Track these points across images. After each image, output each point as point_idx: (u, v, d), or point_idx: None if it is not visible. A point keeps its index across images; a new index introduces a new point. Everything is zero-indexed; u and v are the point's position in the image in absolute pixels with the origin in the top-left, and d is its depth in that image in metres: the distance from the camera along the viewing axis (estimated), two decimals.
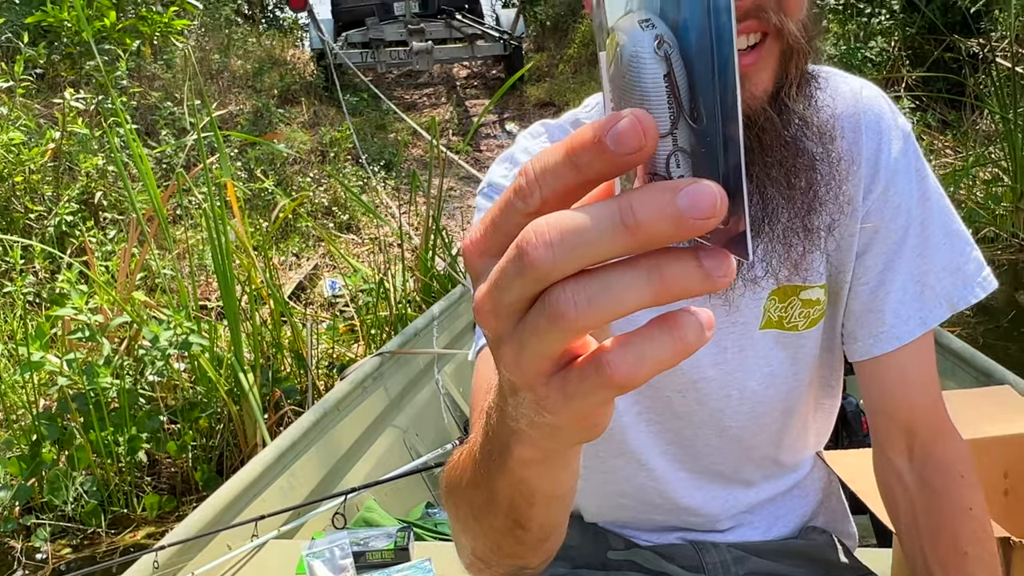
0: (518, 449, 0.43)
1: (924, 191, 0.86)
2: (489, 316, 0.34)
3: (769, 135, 0.73)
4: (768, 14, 0.70)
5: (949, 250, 0.86)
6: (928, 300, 0.85)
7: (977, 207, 5.89)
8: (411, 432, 2.44)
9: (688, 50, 0.31)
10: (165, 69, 6.45)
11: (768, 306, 0.86)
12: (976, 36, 6.93)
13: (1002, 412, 1.23)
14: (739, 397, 0.90)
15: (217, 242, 2.67)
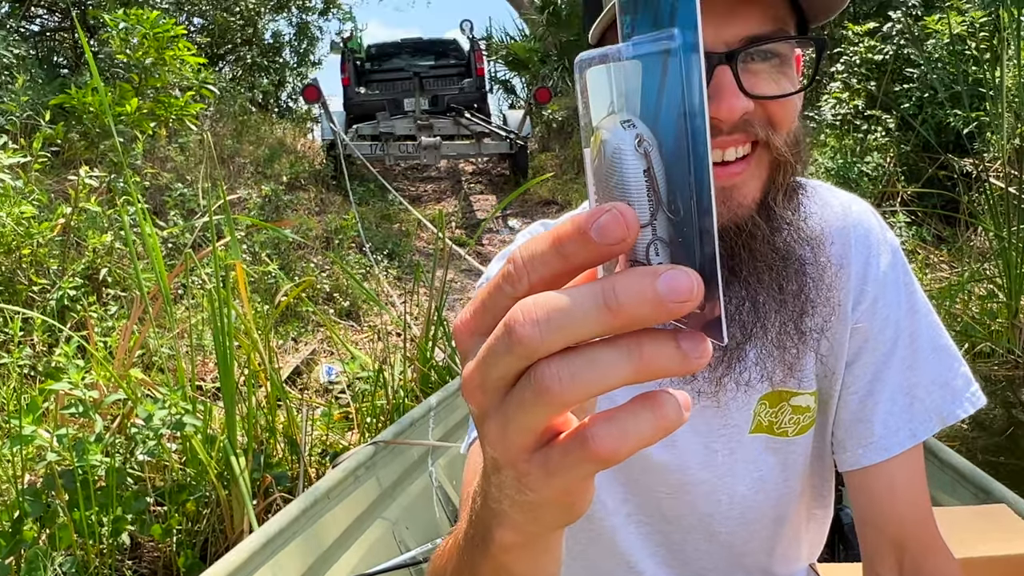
0: (499, 532, 0.43)
1: (913, 305, 0.88)
2: (476, 391, 0.36)
3: (759, 241, 0.75)
4: (756, 128, 0.73)
5: (937, 364, 0.88)
6: (918, 412, 0.86)
7: (973, 322, 5.93)
8: (401, 525, 2.40)
9: (666, 149, 0.34)
10: (178, 152, 6.60)
11: (759, 410, 0.86)
12: (970, 156, 7.14)
13: (997, 531, 1.22)
14: (728, 502, 0.90)
15: (220, 323, 2.69)
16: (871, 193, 7.22)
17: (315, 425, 3.44)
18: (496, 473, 0.39)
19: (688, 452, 0.87)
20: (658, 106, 0.34)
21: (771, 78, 0.73)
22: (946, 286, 6.30)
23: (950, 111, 7.15)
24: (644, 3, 0.35)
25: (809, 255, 0.79)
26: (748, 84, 0.71)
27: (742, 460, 0.88)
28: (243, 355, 3.14)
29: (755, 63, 0.72)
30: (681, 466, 0.88)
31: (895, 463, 0.85)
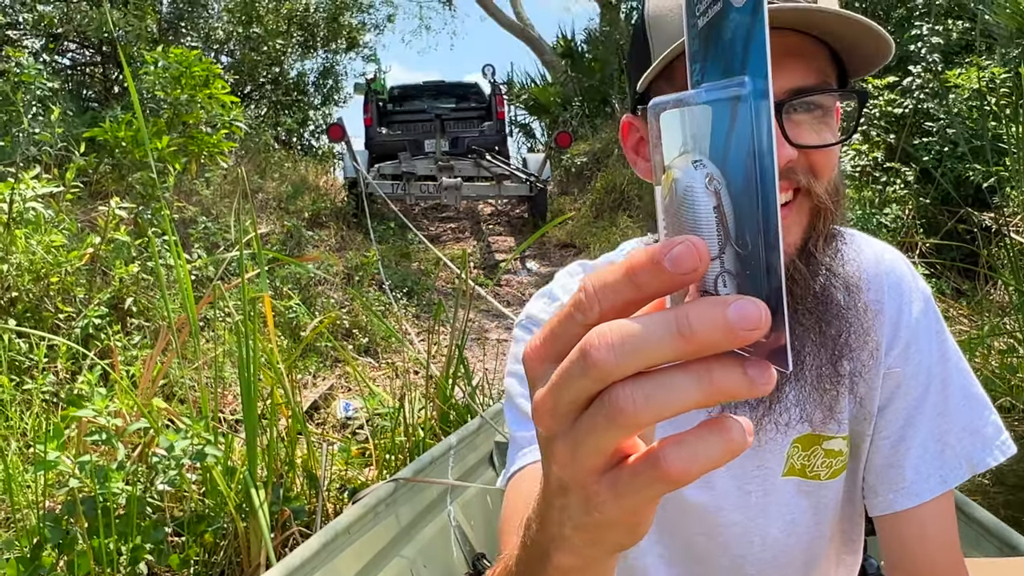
0: (558, 556, 0.44)
1: (944, 352, 0.90)
2: (547, 415, 0.37)
3: (799, 286, 0.77)
4: (799, 176, 0.76)
5: (968, 411, 0.89)
6: (948, 459, 0.87)
7: (993, 376, 5.89)
8: (419, 563, 2.39)
9: (734, 187, 0.37)
10: (205, 186, 6.72)
11: (791, 453, 0.87)
12: (990, 209, 7.15)
13: None
14: (761, 544, 0.90)
15: (245, 355, 2.72)
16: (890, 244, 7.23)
17: (334, 460, 3.45)
18: (562, 496, 0.40)
19: (723, 493, 0.89)
20: (727, 147, 0.36)
21: (813, 128, 0.76)
22: (966, 340, 6.27)
23: (969, 165, 7.18)
24: (714, 53, 0.38)
25: (848, 300, 0.81)
26: (792, 134, 0.73)
27: (775, 503, 0.89)
28: (265, 387, 3.17)
29: (798, 114, 0.75)
30: (716, 507, 0.89)
31: (926, 509, 0.86)
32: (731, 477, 0.89)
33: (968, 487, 4.40)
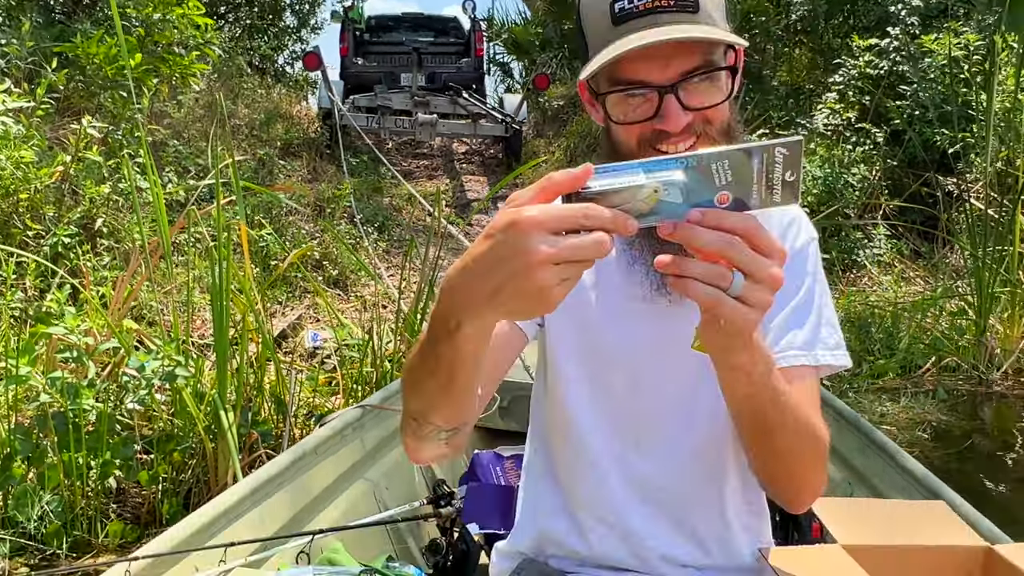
0: (468, 325, 0.76)
1: (816, 279, 1.12)
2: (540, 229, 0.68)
3: None
4: (696, 127, 1.00)
5: (824, 325, 1.11)
6: (804, 348, 1.10)
7: (942, 336, 6.11)
8: (381, 486, 2.50)
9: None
10: (177, 109, 6.62)
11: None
12: (953, 175, 7.31)
13: (932, 525, 1.34)
14: (675, 396, 1.10)
15: (219, 281, 2.77)
16: (855, 204, 7.37)
17: (301, 387, 3.53)
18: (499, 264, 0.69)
19: (642, 345, 1.11)
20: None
21: (706, 92, 1.00)
22: (919, 300, 6.47)
23: (938, 130, 7.31)
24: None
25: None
26: (687, 100, 0.98)
27: (685, 367, 1.08)
28: (237, 314, 3.22)
29: (693, 84, 0.98)
30: (632, 356, 1.11)
31: (783, 372, 1.05)
32: (650, 335, 1.10)
33: (908, 439, 4.62)
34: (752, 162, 0.72)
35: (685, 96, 0.97)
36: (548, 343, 1.16)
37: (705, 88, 0.99)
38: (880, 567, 1.18)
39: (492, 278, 0.69)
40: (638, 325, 1.11)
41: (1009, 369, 5.83)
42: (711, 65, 0.98)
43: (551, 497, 1.17)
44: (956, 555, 1.28)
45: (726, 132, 1.02)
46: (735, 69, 1.01)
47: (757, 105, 8.44)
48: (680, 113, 0.97)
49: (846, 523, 1.29)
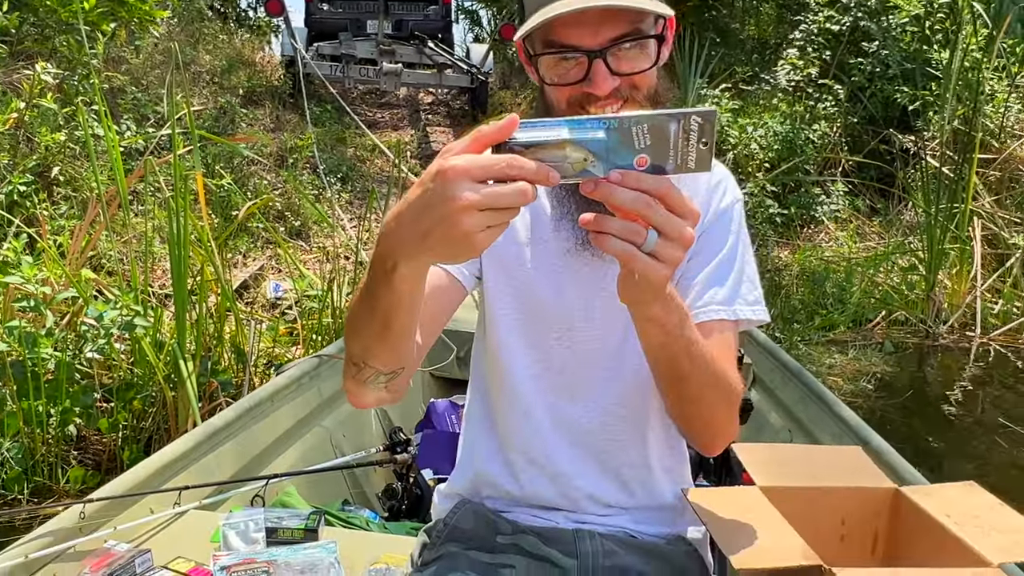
0: (403, 267, 0.81)
1: (739, 238, 1.17)
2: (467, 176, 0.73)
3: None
4: (622, 92, 1.04)
5: (744, 282, 1.17)
6: (723, 303, 1.15)
7: (892, 291, 6.28)
8: (338, 433, 2.57)
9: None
10: (135, 54, 6.49)
11: None
12: (911, 133, 7.43)
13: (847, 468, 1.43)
14: (602, 347, 1.16)
15: (176, 231, 2.78)
16: (814, 160, 7.47)
17: (261, 337, 3.57)
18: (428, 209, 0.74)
19: (572, 300, 1.17)
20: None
21: (633, 58, 1.04)
22: (872, 255, 6.63)
23: (898, 87, 7.40)
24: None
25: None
26: (615, 66, 1.02)
27: (616, 320, 1.14)
28: (196, 264, 3.24)
29: (621, 51, 1.03)
30: (567, 314, 1.16)
31: (702, 327, 1.12)
32: (578, 290, 1.16)
33: (854, 390, 4.79)
34: (670, 128, 0.77)
35: (613, 61, 1.02)
36: (486, 296, 1.21)
37: (634, 55, 1.03)
38: (793, 507, 1.27)
39: (422, 223, 0.75)
40: (568, 278, 1.16)
41: (955, 323, 6.03)
42: (639, 33, 1.03)
43: (487, 441, 1.24)
44: (866, 496, 1.38)
45: (652, 98, 1.06)
46: (662, 37, 1.07)
47: (723, 59, 8.45)
48: (607, 77, 1.02)
49: (766, 467, 1.38)
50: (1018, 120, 7.22)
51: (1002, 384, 5.14)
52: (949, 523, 1.23)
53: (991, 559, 1.12)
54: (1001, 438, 4.19)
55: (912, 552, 1.31)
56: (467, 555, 1.17)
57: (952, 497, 1.31)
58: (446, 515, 1.24)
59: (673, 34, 1.09)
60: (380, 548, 1.62)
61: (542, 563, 1.15)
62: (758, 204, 6.89)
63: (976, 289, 6.14)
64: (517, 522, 1.20)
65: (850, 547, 1.38)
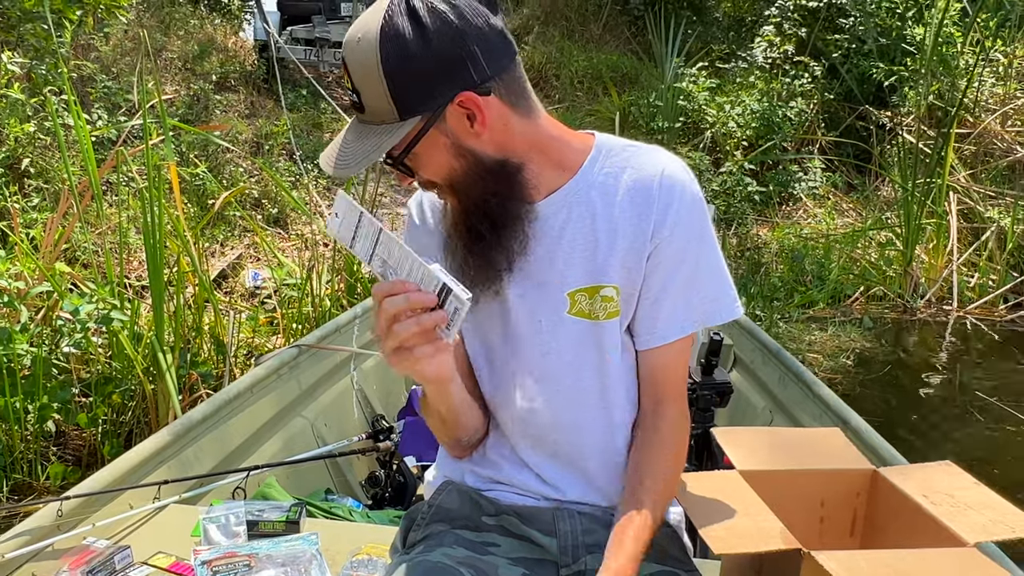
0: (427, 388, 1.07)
1: (702, 240, 1.15)
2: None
3: (487, 222, 1.08)
4: (423, 181, 1.08)
5: (712, 285, 1.16)
6: (690, 315, 1.16)
7: (870, 266, 6.34)
8: (320, 422, 2.56)
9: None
10: (104, 42, 6.38)
11: (579, 298, 1.14)
12: (887, 109, 7.47)
13: (827, 451, 1.44)
14: (557, 362, 1.16)
15: (150, 222, 2.75)
16: (792, 138, 7.49)
17: (241, 328, 3.55)
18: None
19: (519, 319, 1.17)
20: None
21: (420, 162, 1.06)
22: (850, 231, 6.68)
23: (874, 63, 7.42)
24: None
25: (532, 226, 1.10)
26: (415, 167, 1.07)
27: (564, 333, 1.16)
28: (172, 255, 3.21)
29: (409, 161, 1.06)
30: (516, 330, 1.17)
31: (668, 349, 1.16)
32: (524, 308, 1.16)
33: (833, 367, 4.83)
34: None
35: (413, 164, 1.06)
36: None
37: (421, 159, 1.05)
38: (773, 490, 1.28)
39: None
40: (502, 308, 1.17)
41: (932, 297, 6.10)
42: (390, 161, 1.06)
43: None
44: (845, 478, 1.39)
45: (456, 175, 1.06)
46: (397, 160, 1.05)
47: (699, 38, 8.44)
48: (404, 177, 1.08)
49: (745, 450, 1.39)
50: (992, 94, 7.27)
51: (979, 357, 5.21)
52: (926, 503, 1.24)
53: (967, 539, 1.14)
54: (978, 412, 4.25)
55: (890, 532, 1.32)
56: (454, 533, 1.18)
57: (929, 477, 1.32)
58: (431, 496, 1.25)
59: (481, 111, 1.01)
60: (363, 538, 1.61)
61: (524, 542, 1.17)
62: (736, 183, 6.91)
63: (952, 263, 6.20)
64: (499, 501, 1.21)
65: (829, 529, 1.39)
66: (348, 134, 1.05)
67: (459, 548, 1.15)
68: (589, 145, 1.14)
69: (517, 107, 1.05)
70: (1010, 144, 6.98)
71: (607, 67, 8.79)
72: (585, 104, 8.43)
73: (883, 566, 1.05)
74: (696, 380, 2.00)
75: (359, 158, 1.02)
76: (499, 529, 1.19)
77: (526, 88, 1.07)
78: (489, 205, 1.07)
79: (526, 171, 1.08)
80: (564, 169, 1.12)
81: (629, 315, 1.15)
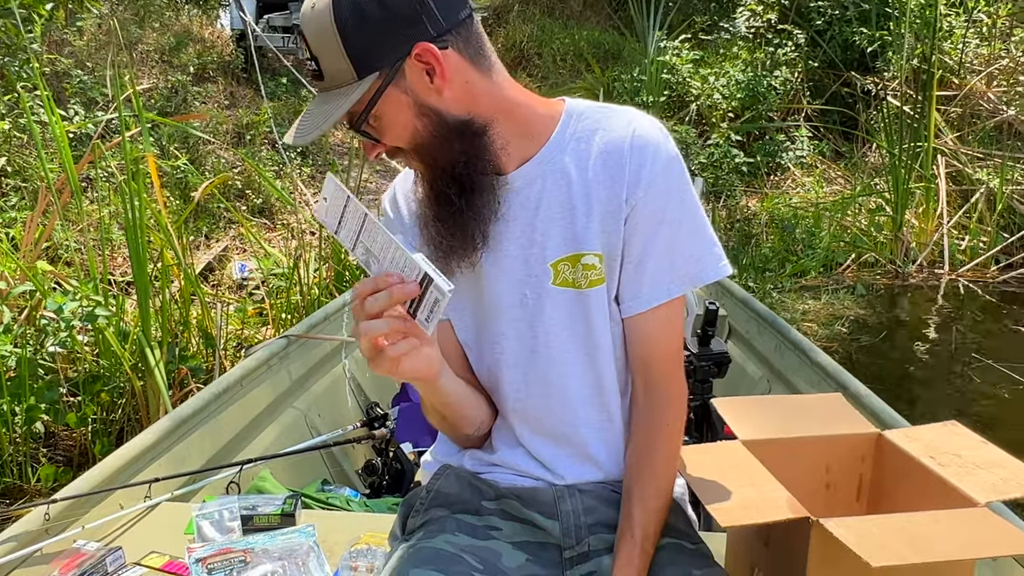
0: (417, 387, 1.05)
1: (682, 199, 1.11)
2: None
3: (456, 190, 1.05)
4: (387, 149, 1.06)
5: (696, 244, 1.12)
6: (675, 277, 1.11)
7: (861, 233, 6.32)
8: (313, 412, 2.52)
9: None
10: (77, 36, 6.28)
11: (561, 269, 1.11)
12: (871, 74, 7.43)
13: (829, 416, 1.41)
14: (545, 335, 1.13)
15: (131, 216, 2.69)
16: (777, 107, 7.45)
17: (229, 320, 3.50)
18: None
19: (503, 294, 1.14)
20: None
21: (383, 127, 1.04)
22: (839, 199, 6.66)
23: (857, 29, 7.37)
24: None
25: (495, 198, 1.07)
26: (377, 134, 1.05)
27: (550, 304, 1.12)
28: (156, 249, 3.15)
29: (369, 127, 1.04)
30: (501, 304, 1.14)
31: (655, 313, 1.12)
32: (507, 283, 1.13)
33: (828, 335, 4.82)
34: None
35: (370, 131, 1.05)
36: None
37: (382, 124, 1.04)
38: (777, 458, 1.25)
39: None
40: (486, 286, 1.14)
41: (923, 261, 6.09)
42: (353, 121, 1.04)
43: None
44: (849, 442, 1.36)
45: (420, 137, 1.04)
46: (355, 124, 1.04)
47: (680, 10, 8.36)
48: (371, 146, 1.07)
49: (746, 420, 1.36)
50: (977, 55, 7.24)
51: (972, 319, 5.21)
52: (933, 464, 1.21)
53: (978, 499, 1.11)
54: (975, 373, 4.24)
55: (898, 496, 1.30)
56: (455, 518, 1.15)
57: (934, 438, 1.29)
58: (428, 481, 1.22)
59: (440, 64, 1.00)
60: (360, 528, 1.58)
61: (526, 525, 1.15)
62: (724, 155, 6.87)
63: (943, 226, 6.19)
64: (498, 483, 1.18)
65: (836, 494, 1.36)
66: (311, 105, 1.04)
67: (461, 535, 1.12)
68: (559, 111, 1.11)
69: (477, 64, 1.03)
70: (996, 104, 6.95)
71: (589, 43, 8.72)
72: (568, 81, 8.36)
73: (895, 530, 1.02)
74: (693, 351, 1.98)
75: (319, 122, 1.00)
76: (500, 513, 1.16)
77: (485, 46, 1.05)
78: (456, 169, 1.05)
79: (492, 132, 1.05)
80: (534, 137, 1.09)
81: (614, 282, 1.12)
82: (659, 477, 1.11)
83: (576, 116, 1.11)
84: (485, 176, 1.06)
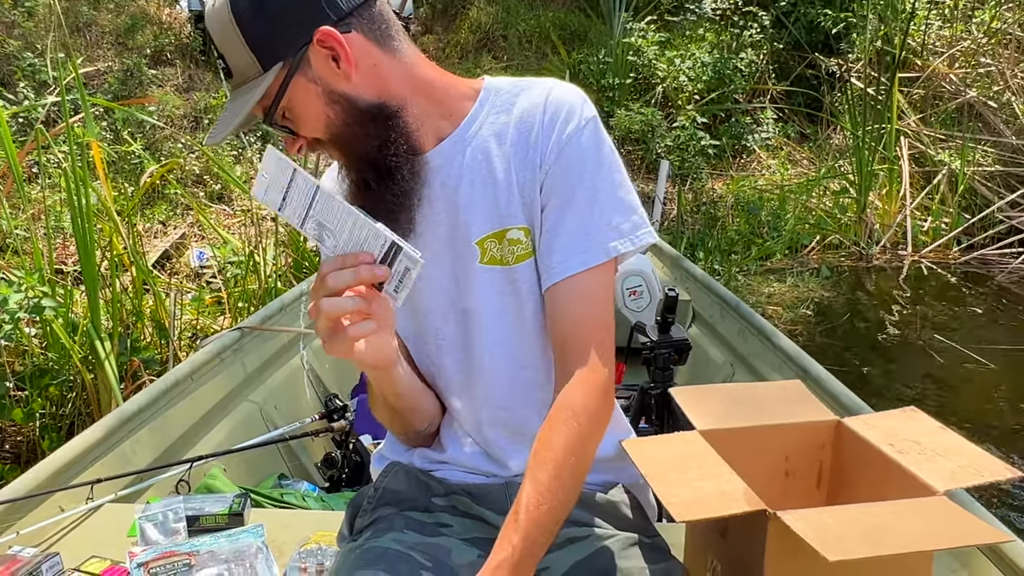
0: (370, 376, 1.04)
1: (599, 164, 1.06)
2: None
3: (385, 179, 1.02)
4: (307, 142, 1.03)
5: (613, 212, 1.06)
6: (591, 246, 1.05)
7: (825, 215, 6.35)
8: (269, 405, 2.46)
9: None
10: (26, 17, 6.09)
11: (488, 246, 1.07)
12: (836, 56, 7.44)
13: (788, 403, 1.38)
14: (477, 315, 1.09)
15: (77, 204, 2.60)
16: (743, 89, 7.44)
17: (185, 309, 3.41)
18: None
19: (436, 279, 1.10)
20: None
21: (295, 122, 1.02)
22: (804, 181, 6.68)
23: (822, 10, 7.38)
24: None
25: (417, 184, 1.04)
26: (296, 128, 1.03)
27: (478, 285, 1.08)
28: (105, 238, 3.06)
29: (285, 121, 1.02)
30: (434, 288, 1.10)
31: (569, 285, 1.05)
32: (438, 267, 1.09)
33: (792, 318, 4.83)
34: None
35: (286, 125, 1.03)
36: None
37: (295, 117, 1.02)
38: (735, 448, 1.22)
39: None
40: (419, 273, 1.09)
41: (887, 243, 6.14)
42: (265, 118, 1.02)
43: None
44: (809, 430, 1.34)
45: (335, 126, 1.01)
46: (267, 120, 1.01)
47: None
48: (291, 141, 1.04)
49: (705, 409, 1.33)
50: (939, 37, 7.29)
51: (935, 300, 5.25)
52: (892, 452, 1.19)
53: (936, 486, 1.09)
54: (937, 354, 4.28)
55: (859, 483, 1.28)
56: (403, 516, 1.12)
57: (894, 425, 1.27)
58: (376, 479, 1.18)
59: (344, 48, 0.97)
60: (312, 526, 1.53)
61: (476, 521, 1.12)
62: (690, 137, 6.86)
63: (906, 208, 6.24)
64: (448, 480, 1.15)
65: (796, 483, 1.34)
66: (227, 105, 1.02)
67: (410, 532, 1.09)
68: (477, 88, 1.08)
69: (385, 46, 1.01)
70: (958, 86, 7.01)
71: (555, 25, 8.64)
72: (534, 64, 8.29)
73: (851, 522, 0.99)
74: (653, 339, 1.94)
75: (230, 120, 0.98)
76: (450, 509, 1.13)
77: (393, 27, 1.02)
78: (372, 154, 1.02)
79: (406, 114, 1.02)
80: (451, 115, 1.06)
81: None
82: (554, 463, 0.99)
83: (495, 91, 1.08)
84: (401, 157, 1.03)
